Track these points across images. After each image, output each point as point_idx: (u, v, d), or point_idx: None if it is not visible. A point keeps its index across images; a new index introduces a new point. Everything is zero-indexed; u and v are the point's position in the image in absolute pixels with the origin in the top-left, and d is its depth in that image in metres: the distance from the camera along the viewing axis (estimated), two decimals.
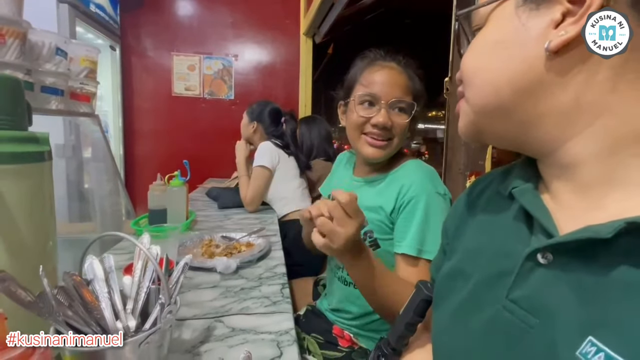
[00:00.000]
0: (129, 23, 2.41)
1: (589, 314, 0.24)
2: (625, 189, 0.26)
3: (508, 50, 0.29)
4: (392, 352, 0.51)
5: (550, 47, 0.26)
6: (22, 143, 0.40)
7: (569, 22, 0.26)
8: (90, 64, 1.12)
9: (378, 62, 0.75)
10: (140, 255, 0.49)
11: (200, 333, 0.56)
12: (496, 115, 0.31)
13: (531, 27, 0.28)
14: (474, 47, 0.33)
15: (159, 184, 1.13)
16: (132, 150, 2.52)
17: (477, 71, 0.32)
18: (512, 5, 0.29)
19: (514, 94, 0.29)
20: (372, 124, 0.72)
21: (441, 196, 0.68)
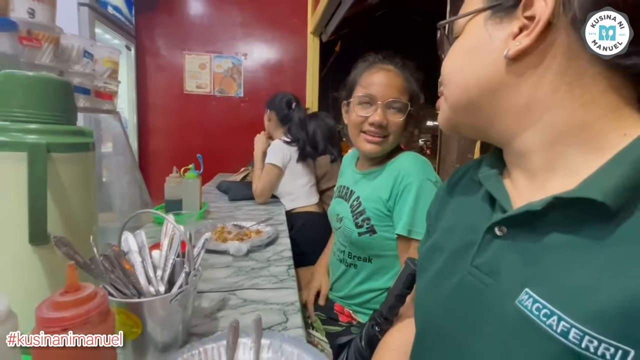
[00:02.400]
0: (143, 24, 2.51)
1: (528, 272, 0.30)
2: (561, 173, 0.32)
3: (477, 56, 0.35)
4: (384, 321, 0.58)
5: (508, 54, 0.32)
6: (74, 135, 0.48)
7: (523, 35, 0.31)
8: (113, 65, 1.21)
9: (376, 65, 0.81)
10: (166, 233, 0.57)
11: (217, 303, 0.64)
12: (467, 110, 0.37)
13: (495, 37, 0.33)
14: (452, 52, 0.39)
15: (174, 176, 1.22)
16: (146, 145, 2.63)
17: (453, 73, 0.38)
18: (482, 20, 0.35)
19: (481, 93, 0.35)
20: (370, 123, 0.79)
21: (432, 183, 0.75)
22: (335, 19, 2.42)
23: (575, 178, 0.29)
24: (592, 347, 0.24)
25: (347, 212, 0.85)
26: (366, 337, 0.61)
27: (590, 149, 0.30)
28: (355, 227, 0.81)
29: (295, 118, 1.64)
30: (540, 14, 0.29)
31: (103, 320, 0.35)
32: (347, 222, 0.83)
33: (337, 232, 0.90)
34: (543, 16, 0.29)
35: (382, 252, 0.79)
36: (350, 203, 0.85)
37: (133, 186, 1.49)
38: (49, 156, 0.43)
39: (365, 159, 0.88)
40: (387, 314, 0.59)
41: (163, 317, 0.47)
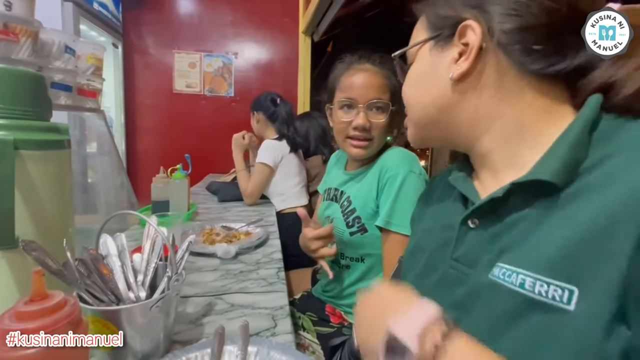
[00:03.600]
0: (131, 21, 2.46)
1: (497, 250, 0.34)
2: (516, 167, 0.36)
3: (428, 80, 0.41)
4: None
5: (453, 77, 0.37)
6: (46, 132, 0.45)
7: (462, 59, 0.37)
8: (97, 62, 1.16)
9: (354, 66, 0.79)
10: (149, 235, 0.55)
11: (202, 308, 0.61)
12: (429, 126, 0.43)
13: (440, 63, 0.39)
14: (408, 78, 0.45)
15: (162, 177, 1.18)
16: (133, 145, 2.57)
17: (411, 97, 0.44)
18: (427, 49, 0.41)
19: (437, 111, 0.41)
20: (353, 127, 0.77)
21: (416, 175, 0.74)
22: (326, 19, 2.41)
23: (527, 169, 0.34)
24: (543, 292, 0.28)
25: (337, 212, 0.83)
26: None
27: (536, 145, 0.35)
28: (346, 227, 0.80)
29: (283, 113, 1.63)
30: (473, 42, 0.36)
31: (74, 329, 0.32)
32: (338, 223, 0.82)
33: None
34: (475, 44, 0.36)
35: (375, 251, 0.77)
36: (341, 203, 0.84)
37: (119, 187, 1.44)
38: (17, 153, 0.40)
39: (353, 160, 0.87)
40: None
41: (143, 324, 0.44)
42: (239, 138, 1.62)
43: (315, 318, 0.85)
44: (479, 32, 0.35)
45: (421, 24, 0.43)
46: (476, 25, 0.36)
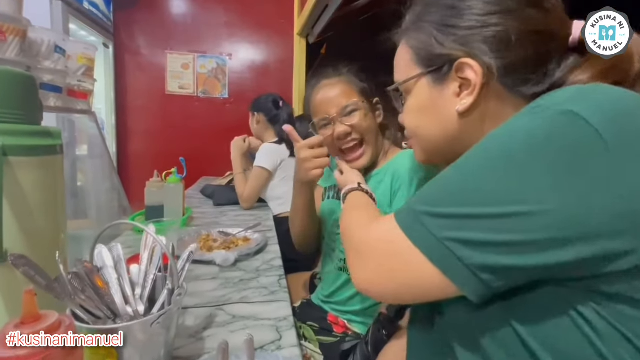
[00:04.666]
0: (122, 21, 2.41)
1: None
2: None
3: (432, 114, 0.44)
4: (391, 325, 0.56)
5: (459, 110, 0.40)
6: (37, 137, 0.42)
7: (466, 94, 0.40)
8: (88, 62, 1.13)
9: (315, 89, 0.82)
10: (146, 245, 0.52)
11: (203, 320, 0.58)
12: (436, 152, 0.47)
13: (441, 97, 0.42)
14: (408, 110, 0.47)
15: (156, 181, 1.15)
16: (125, 148, 2.52)
17: (416, 129, 0.47)
18: (425, 83, 0.43)
19: (444, 140, 0.44)
20: (337, 139, 0.78)
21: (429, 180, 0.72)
22: (322, 21, 2.40)
23: None
24: None
25: None
26: (373, 341, 0.58)
27: None
28: None
29: (285, 116, 1.61)
30: (474, 80, 0.38)
31: (69, 355, 0.29)
32: None
33: (337, 238, 0.85)
34: (477, 81, 0.38)
35: None
36: None
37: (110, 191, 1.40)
38: (5, 160, 0.37)
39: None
40: (395, 317, 0.57)
41: (143, 342, 0.41)
42: (240, 141, 1.59)
43: (317, 327, 0.83)
44: (479, 70, 0.38)
45: (407, 54, 0.45)
46: (474, 63, 0.38)
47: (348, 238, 0.45)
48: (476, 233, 0.29)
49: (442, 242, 0.31)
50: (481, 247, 0.29)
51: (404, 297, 0.37)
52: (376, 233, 0.38)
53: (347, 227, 0.47)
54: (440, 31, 0.40)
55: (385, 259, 0.35)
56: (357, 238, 0.41)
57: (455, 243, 0.30)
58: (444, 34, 0.40)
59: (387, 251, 0.35)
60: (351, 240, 0.43)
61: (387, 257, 0.35)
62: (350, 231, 0.45)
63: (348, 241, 0.44)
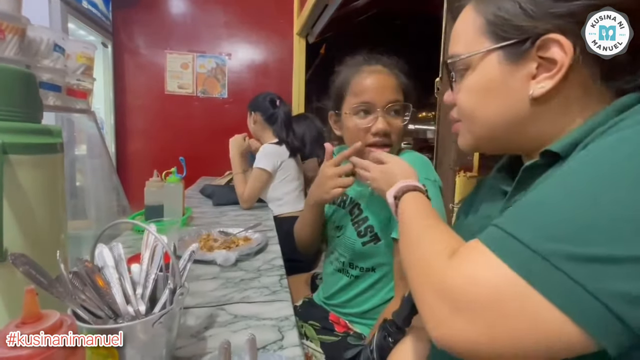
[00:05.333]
0: (121, 20, 2.40)
1: None
2: None
3: (498, 96, 0.38)
4: (397, 331, 0.55)
5: (534, 95, 0.35)
6: (38, 135, 0.42)
7: (545, 77, 0.34)
8: (87, 61, 1.12)
9: (364, 68, 0.74)
10: (147, 245, 0.51)
11: (204, 320, 0.58)
12: (492, 139, 0.41)
13: (513, 77, 0.36)
14: (467, 89, 0.40)
15: (155, 181, 1.14)
16: (124, 147, 2.51)
17: (473, 111, 0.40)
18: (495, 59, 0.37)
19: (507, 126, 0.38)
20: (373, 133, 0.72)
21: (431, 182, 0.70)
22: (321, 21, 2.40)
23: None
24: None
25: (346, 220, 0.81)
26: (378, 348, 0.58)
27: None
28: (357, 236, 0.77)
29: (282, 115, 1.59)
30: (561, 60, 0.33)
31: (70, 355, 0.29)
32: (349, 232, 0.79)
33: (336, 241, 0.85)
34: (565, 62, 0.33)
35: (387, 260, 0.75)
36: (349, 210, 0.81)
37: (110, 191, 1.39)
38: (5, 158, 0.37)
39: None
40: (401, 324, 0.56)
41: (144, 342, 0.41)
42: (240, 140, 1.56)
43: (318, 326, 0.82)
44: (570, 50, 0.32)
45: (474, 22, 0.38)
46: (566, 41, 0.32)
47: (420, 272, 0.34)
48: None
49: (598, 297, 0.23)
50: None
51: (526, 359, 0.28)
52: (474, 276, 0.28)
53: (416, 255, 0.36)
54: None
55: (496, 315, 0.26)
56: (441, 276, 0.31)
57: (616, 298, 0.23)
58: (533, 2, 0.33)
59: (500, 305, 0.26)
60: (428, 275, 0.33)
61: (499, 313, 0.26)
62: (424, 263, 0.34)
63: (421, 276, 0.34)
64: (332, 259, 0.88)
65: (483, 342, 0.27)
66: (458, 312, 0.28)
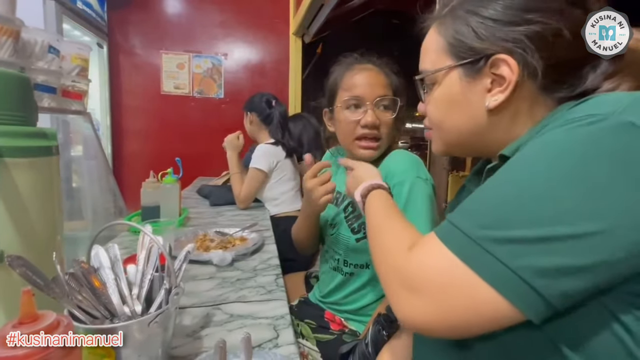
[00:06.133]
0: (116, 20, 2.39)
1: None
2: None
3: (461, 107, 0.43)
4: (391, 325, 0.56)
5: (489, 107, 0.40)
6: (33, 138, 0.42)
7: (498, 91, 0.39)
8: (82, 62, 1.12)
9: (355, 66, 0.79)
10: (143, 245, 0.52)
11: (200, 319, 0.59)
12: (459, 145, 0.46)
13: (472, 91, 0.41)
14: (434, 101, 0.46)
15: (152, 181, 1.14)
16: (120, 148, 2.50)
17: (441, 122, 0.46)
18: (457, 75, 0.42)
19: (470, 135, 0.44)
20: (362, 125, 0.76)
21: (423, 180, 0.72)
22: (317, 21, 2.40)
23: None
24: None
25: (340, 218, 0.82)
26: (373, 342, 0.59)
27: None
28: (352, 233, 0.78)
29: (277, 115, 1.60)
30: (509, 77, 0.37)
31: (67, 354, 0.30)
32: (343, 230, 0.80)
33: (330, 239, 0.86)
34: (512, 78, 0.37)
35: None
36: (343, 208, 0.82)
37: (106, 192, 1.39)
38: (1, 161, 0.37)
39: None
40: (394, 317, 0.57)
41: (140, 341, 0.41)
42: (234, 139, 1.56)
43: (314, 325, 0.83)
44: (516, 68, 0.37)
45: (437, 43, 0.43)
46: (512, 61, 0.37)
47: (384, 260, 0.39)
48: (553, 258, 0.27)
49: (517, 272, 0.27)
50: (560, 273, 0.27)
51: (465, 332, 0.32)
52: (426, 262, 0.33)
53: (381, 245, 0.42)
54: (480, 23, 0.38)
55: (444, 295, 0.31)
56: (401, 266, 0.35)
57: (531, 272, 0.27)
58: (484, 27, 0.38)
59: (447, 286, 0.31)
60: (390, 266, 0.37)
61: (446, 294, 0.31)
62: (386, 253, 0.39)
63: (385, 265, 0.38)
64: (327, 257, 0.89)
65: (435, 319, 0.32)
66: (413, 293, 0.33)
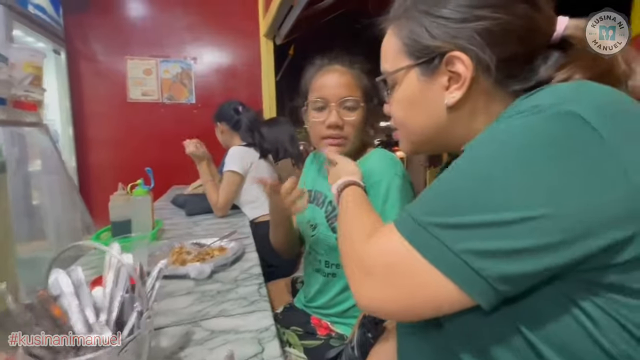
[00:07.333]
0: (74, 25, 2.26)
1: None
2: None
3: (420, 106, 0.44)
4: (376, 327, 0.55)
5: (448, 104, 0.40)
6: None
7: (455, 88, 0.40)
8: (35, 70, 1.04)
9: (324, 67, 0.80)
10: (111, 266, 0.48)
11: (179, 339, 0.55)
12: (424, 143, 0.47)
13: (430, 89, 0.42)
14: (396, 102, 0.46)
15: (121, 194, 1.08)
16: (85, 160, 2.36)
17: (404, 120, 0.47)
18: (415, 75, 0.42)
19: (434, 132, 0.44)
20: (327, 126, 0.77)
21: (399, 177, 0.74)
22: (288, 22, 2.38)
23: None
24: None
25: (321, 217, 0.80)
26: (359, 345, 0.58)
27: None
28: (331, 232, 0.77)
29: (245, 120, 1.59)
30: (464, 74, 0.38)
31: None
32: (323, 229, 0.79)
33: (312, 240, 0.85)
34: (467, 75, 0.38)
35: None
36: (324, 208, 0.81)
37: (70, 208, 1.30)
38: None
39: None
40: (379, 319, 0.56)
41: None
42: (196, 150, 1.43)
43: (300, 332, 0.81)
44: (469, 64, 0.37)
45: (394, 44, 0.44)
46: (465, 57, 0.38)
47: (348, 248, 0.41)
48: (492, 242, 0.28)
49: (459, 255, 0.29)
50: (498, 256, 0.28)
51: (416, 314, 0.34)
52: (381, 247, 0.35)
53: (346, 234, 0.43)
54: (432, 23, 0.39)
55: (394, 277, 0.33)
56: (360, 251, 0.37)
57: (471, 255, 0.29)
58: (436, 25, 0.39)
59: (397, 268, 0.33)
60: (352, 252, 0.39)
61: (396, 275, 0.33)
62: (350, 241, 0.41)
63: (348, 252, 0.41)
64: (310, 259, 0.88)
65: (389, 301, 0.33)
66: (368, 276, 0.35)
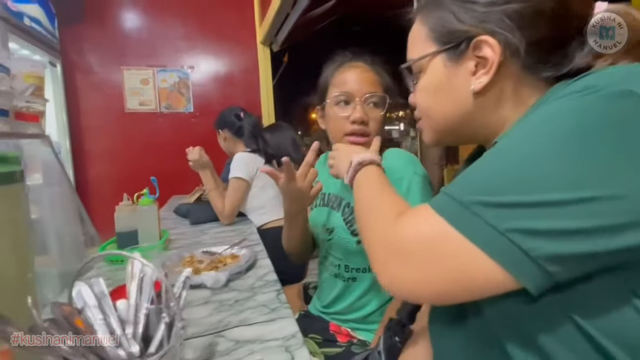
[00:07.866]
0: (69, 37, 2.24)
1: None
2: None
3: (447, 92, 0.43)
4: (403, 329, 0.54)
5: (474, 89, 0.40)
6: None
7: (482, 73, 0.39)
8: (36, 80, 1.02)
9: (346, 63, 0.80)
10: (133, 275, 0.46)
11: (203, 351, 0.53)
12: (449, 132, 0.46)
13: (457, 75, 0.41)
14: (421, 89, 0.46)
15: (126, 205, 1.05)
16: (84, 172, 2.33)
17: (429, 109, 0.46)
18: (441, 61, 0.42)
19: (459, 120, 0.43)
20: (351, 121, 0.75)
21: (419, 175, 0.73)
22: (285, 29, 2.39)
23: None
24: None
25: (339, 221, 0.79)
26: (386, 349, 0.56)
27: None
28: (351, 235, 0.76)
29: (248, 126, 1.57)
30: (492, 58, 0.38)
31: None
32: (341, 232, 0.77)
33: (328, 244, 0.83)
34: (495, 59, 0.37)
35: None
36: (342, 211, 0.79)
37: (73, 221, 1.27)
38: None
39: None
40: (406, 321, 0.55)
41: None
42: (199, 158, 1.40)
43: (319, 339, 0.79)
44: (497, 48, 0.37)
45: (421, 32, 0.44)
46: (493, 41, 0.37)
47: (372, 230, 0.39)
48: (544, 221, 0.27)
49: (504, 234, 0.28)
50: (550, 236, 0.27)
51: (452, 297, 0.33)
52: (414, 228, 0.34)
53: (369, 216, 0.42)
54: (460, 7, 0.39)
55: (433, 258, 0.32)
56: (388, 231, 0.36)
57: (519, 234, 0.28)
58: (464, 10, 0.39)
59: (435, 249, 0.32)
60: (378, 232, 0.38)
61: (435, 256, 0.31)
62: (375, 223, 0.40)
63: (373, 235, 0.39)
64: (326, 264, 0.86)
65: (423, 282, 0.32)
66: (402, 259, 0.34)
